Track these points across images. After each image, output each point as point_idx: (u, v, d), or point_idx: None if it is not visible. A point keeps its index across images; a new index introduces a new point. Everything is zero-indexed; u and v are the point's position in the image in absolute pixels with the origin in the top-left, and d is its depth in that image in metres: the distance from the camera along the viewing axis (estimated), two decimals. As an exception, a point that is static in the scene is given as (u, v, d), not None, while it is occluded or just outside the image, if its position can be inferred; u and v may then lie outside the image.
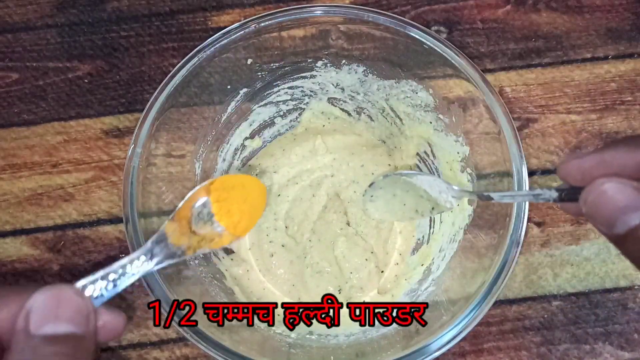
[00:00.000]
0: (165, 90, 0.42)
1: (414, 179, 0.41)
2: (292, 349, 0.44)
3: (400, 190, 0.43)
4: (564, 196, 0.31)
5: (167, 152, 0.45)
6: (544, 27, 0.54)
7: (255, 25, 0.43)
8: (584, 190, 0.29)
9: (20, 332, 0.25)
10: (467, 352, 0.48)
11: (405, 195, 0.42)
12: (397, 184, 0.43)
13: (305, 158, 0.52)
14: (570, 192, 0.31)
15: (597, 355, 0.48)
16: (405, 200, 0.43)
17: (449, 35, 0.54)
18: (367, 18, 0.43)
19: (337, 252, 0.49)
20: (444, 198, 0.40)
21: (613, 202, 0.27)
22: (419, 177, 0.41)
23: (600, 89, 0.52)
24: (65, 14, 0.55)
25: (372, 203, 0.44)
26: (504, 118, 0.41)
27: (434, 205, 0.41)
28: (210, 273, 0.46)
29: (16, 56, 0.54)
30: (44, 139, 0.52)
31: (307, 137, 0.52)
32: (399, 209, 0.43)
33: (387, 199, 0.43)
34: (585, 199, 0.28)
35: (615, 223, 0.27)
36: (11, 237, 0.50)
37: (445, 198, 0.40)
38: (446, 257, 0.46)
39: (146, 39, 0.54)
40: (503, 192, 0.39)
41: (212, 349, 0.38)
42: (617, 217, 0.27)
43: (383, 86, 0.48)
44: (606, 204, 0.27)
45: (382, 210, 0.44)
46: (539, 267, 0.49)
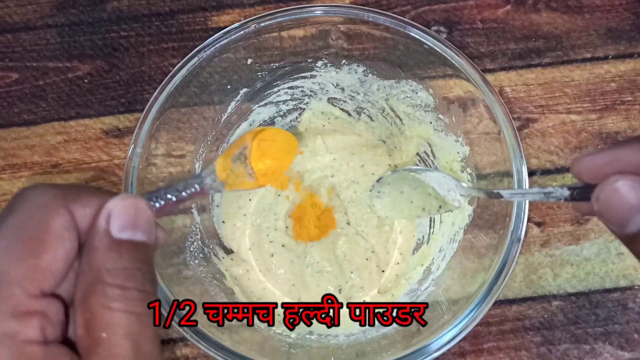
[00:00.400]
0: (165, 90, 0.42)
1: (423, 175, 0.41)
2: (292, 349, 0.44)
3: (407, 188, 0.42)
4: (575, 195, 0.30)
5: (167, 152, 0.45)
6: (544, 27, 0.54)
7: (255, 25, 0.43)
8: (596, 188, 0.28)
9: (102, 231, 0.26)
10: (467, 352, 0.48)
11: (412, 193, 0.42)
12: (405, 181, 0.42)
13: (305, 158, 0.52)
14: (582, 190, 0.30)
15: (597, 355, 0.48)
16: (412, 197, 0.42)
17: (449, 35, 0.54)
18: (367, 18, 0.43)
19: (337, 252, 0.49)
20: (452, 196, 0.40)
21: (626, 200, 0.26)
22: (427, 174, 0.41)
23: (600, 89, 0.52)
24: (65, 14, 0.55)
25: (379, 200, 0.43)
26: (504, 118, 0.41)
27: (441, 204, 0.40)
28: (210, 273, 0.46)
29: (16, 56, 0.54)
30: (44, 139, 0.52)
31: (307, 138, 0.52)
32: (405, 207, 0.42)
33: (394, 196, 0.43)
34: (598, 196, 0.28)
35: (627, 222, 0.26)
36: (11, 237, 0.50)
37: (453, 196, 0.39)
38: (446, 257, 0.46)
39: (146, 39, 0.54)
40: (513, 189, 0.38)
41: (212, 349, 0.38)
42: (629, 216, 0.26)
43: (383, 86, 0.48)
44: (618, 202, 0.27)
45: (389, 207, 0.43)
46: (539, 267, 0.49)
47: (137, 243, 0.27)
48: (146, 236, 0.28)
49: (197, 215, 0.47)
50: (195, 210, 0.47)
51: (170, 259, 0.43)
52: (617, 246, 0.50)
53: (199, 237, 0.47)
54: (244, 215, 0.51)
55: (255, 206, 0.51)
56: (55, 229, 0.26)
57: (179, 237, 0.45)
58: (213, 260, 0.48)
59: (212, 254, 0.48)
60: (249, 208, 0.51)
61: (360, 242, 0.49)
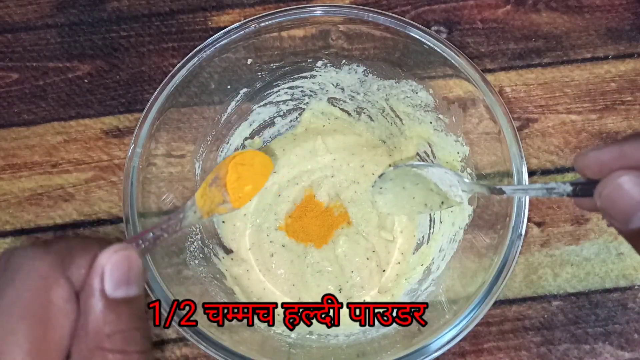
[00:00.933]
0: (165, 90, 0.42)
1: (425, 171, 0.41)
2: (292, 349, 0.44)
3: (409, 184, 0.42)
4: (578, 190, 0.30)
5: (167, 152, 0.45)
6: (544, 27, 0.54)
7: (255, 25, 0.43)
8: (599, 184, 0.27)
9: (97, 292, 0.26)
10: (467, 352, 0.48)
11: (414, 189, 0.42)
12: (407, 177, 0.42)
13: (305, 158, 0.52)
14: (585, 186, 0.29)
15: (597, 355, 0.48)
16: (414, 193, 0.42)
17: (449, 35, 0.54)
18: (367, 18, 0.43)
19: (338, 251, 0.49)
20: (454, 192, 0.39)
21: (629, 196, 0.26)
22: (429, 169, 0.40)
23: (600, 89, 0.52)
24: (65, 14, 0.55)
25: (381, 195, 0.43)
26: (504, 118, 0.41)
27: (443, 200, 0.40)
28: (210, 273, 0.46)
29: (16, 56, 0.54)
30: (44, 139, 0.52)
31: (307, 138, 0.52)
32: (407, 203, 0.42)
33: (397, 192, 0.42)
34: (601, 192, 0.27)
35: (630, 218, 0.26)
36: (11, 237, 0.50)
37: (455, 192, 0.39)
38: (446, 257, 0.46)
39: (146, 39, 0.54)
40: (515, 185, 0.37)
41: (212, 349, 0.38)
42: (633, 211, 0.26)
43: (383, 86, 0.48)
44: (622, 198, 0.26)
45: (391, 204, 0.43)
46: (539, 267, 0.49)
47: (131, 298, 0.27)
48: (139, 288, 0.28)
49: (197, 215, 0.47)
50: (195, 210, 0.47)
51: (170, 259, 0.43)
52: (617, 246, 0.50)
53: (199, 237, 0.47)
54: (244, 215, 0.51)
55: (255, 206, 0.51)
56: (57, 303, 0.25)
57: (179, 237, 0.45)
58: (213, 260, 0.48)
59: (212, 254, 0.48)
60: (249, 208, 0.51)
61: (360, 241, 0.50)
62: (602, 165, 0.28)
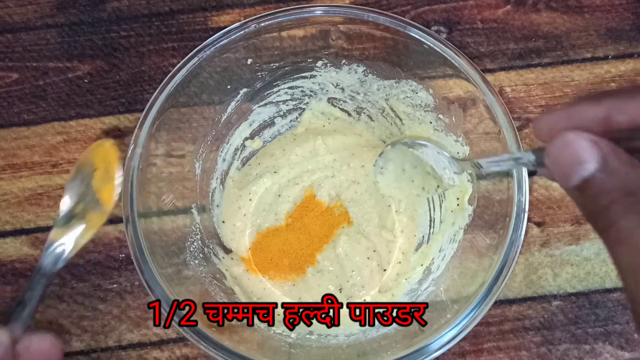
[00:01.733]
0: (165, 90, 0.42)
1: (420, 152, 0.41)
2: (292, 349, 0.44)
3: (409, 166, 0.43)
4: (539, 158, 0.30)
5: (167, 152, 0.45)
6: (544, 27, 0.54)
7: (255, 25, 0.43)
8: (548, 145, 0.28)
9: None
10: (467, 352, 0.48)
11: (413, 172, 0.43)
12: (406, 157, 0.43)
13: (305, 158, 0.52)
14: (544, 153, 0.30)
15: (597, 355, 0.48)
16: (413, 176, 0.43)
17: (449, 35, 0.54)
18: (367, 18, 0.43)
19: (338, 251, 0.49)
20: (448, 175, 0.40)
21: (570, 153, 0.27)
22: (424, 149, 0.41)
23: (600, 89, 0.52)
24: (65, 14, 0.55)
25: (383, 176, 0.44)
26: (504, 118, 0.41)
27: (439, 183, 0.41)
28: (210, 273, 0.46)
29: (16, 56, 0.54)
30: (44, 139, 0.52)
31: (307, 138, 0.52)
32: (406, 185, 0.43)
33: (397, 174, 0.43)
34: (549, 153, 0.28)
35: (571, 175, 0.27)
36: (11, 237, 0.50)
37: (448, 174, 0.40)
38: (446, 257, 0.46)
39: (146, 39, 0.54)
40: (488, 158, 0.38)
41: (212, 349, 0.38)
42: (573, 168, 0.26)
43: (383, 86, 0.48)
44: (564, 155, 0.27)
45: (392, 185, 0.44)
46: (539, 267, 0.49)
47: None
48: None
49: (197, 215, 0.47)
50: (195, 210, 0.47)
51: (170, 259, 0.43)
52: (617, 246, 0.50)
53: (199, 237, 0.47)
54: (244, 215, 0.51)
55: (255, 206, 0.51)
56: None
57: (179, 237, 0.45)
58: (213, 260, 0.48)
59: (212, 254, 0.48)
60: (249, 208, 0.51)
61: (361, 241, 0.50)
62: (552, 128, 0.29)
